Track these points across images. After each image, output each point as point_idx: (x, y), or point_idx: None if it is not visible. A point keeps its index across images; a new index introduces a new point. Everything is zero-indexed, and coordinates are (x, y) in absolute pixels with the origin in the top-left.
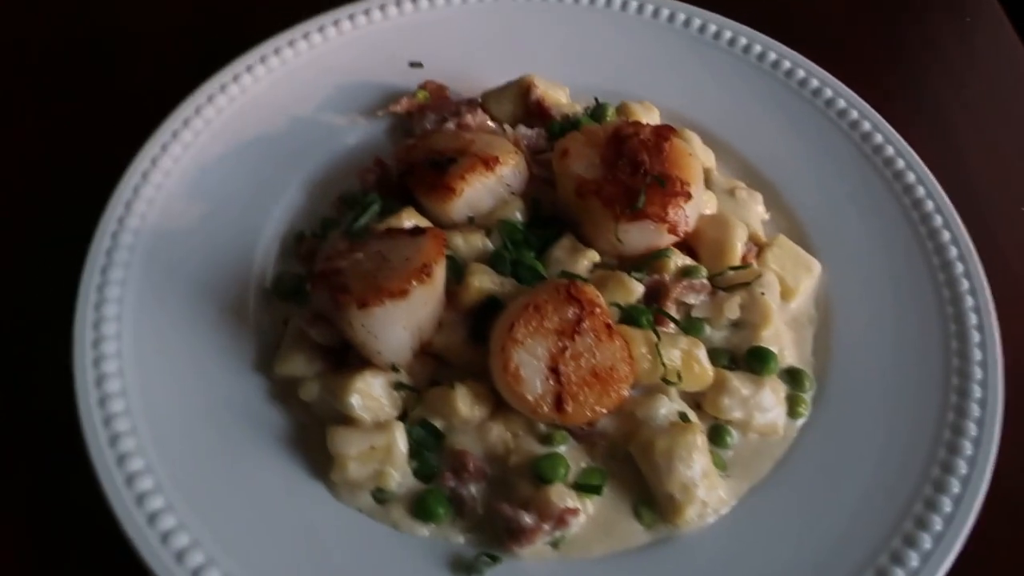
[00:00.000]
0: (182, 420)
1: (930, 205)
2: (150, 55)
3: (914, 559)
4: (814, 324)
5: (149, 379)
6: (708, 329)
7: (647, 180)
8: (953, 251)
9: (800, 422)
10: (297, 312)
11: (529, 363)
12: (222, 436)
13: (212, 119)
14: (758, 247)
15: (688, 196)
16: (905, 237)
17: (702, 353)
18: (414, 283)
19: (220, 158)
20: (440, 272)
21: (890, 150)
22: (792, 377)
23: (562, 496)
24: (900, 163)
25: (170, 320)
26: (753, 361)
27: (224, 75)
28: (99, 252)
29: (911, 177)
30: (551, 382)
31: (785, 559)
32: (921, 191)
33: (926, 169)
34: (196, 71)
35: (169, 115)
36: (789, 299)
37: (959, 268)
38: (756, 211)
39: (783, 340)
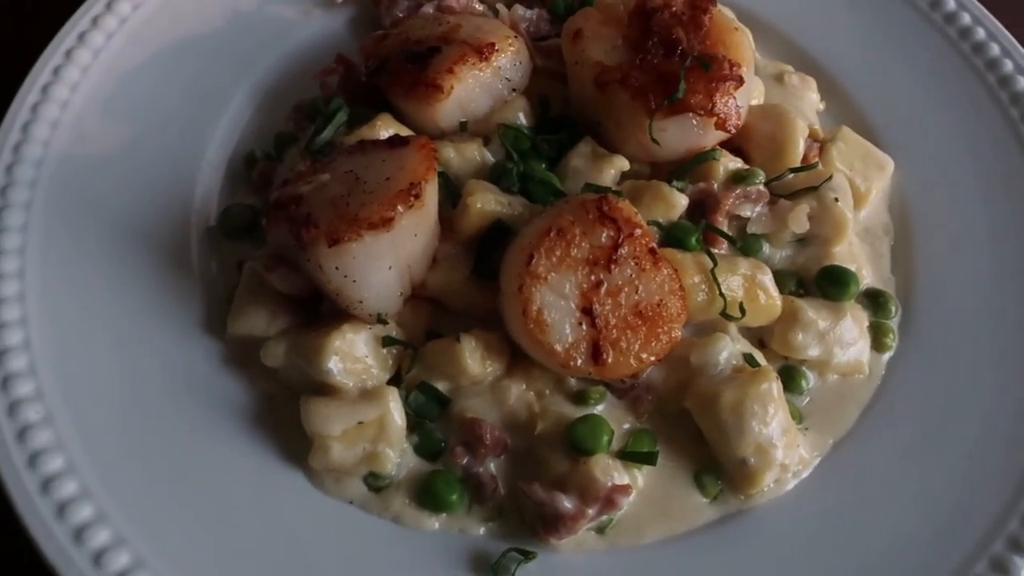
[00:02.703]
0: (109, 399)
1: (1021, 83)
2: None
3: None
4: (890, 235)
5: (63, 348)
6: (767, 248)
7: (686, 63)
8: None
9: (887, 357)
10: (254, 253)
11: (555, 304)
12: (163, 418)
13: (128, 16)
14: (819, 144)
15: (740, 80)
16: (992, 122)
17: (768, 278)
18: (399, 208)
19: (142, 66)
20: (431, 192)
21: (966, 18)
22: (873, 302)
23: (607, 470)
24: (980, 33)
25: (89, 272)
26: (827, 284)
27: None
28: None
29: (995, 49)
30: (584, 327)
31: (885, 532)
32: (1008, 66)
33: (1013, 40)
34: None
35: (74, 14)
36: (860, 205)
37: None
38: (810, 100)
39: (858, 257)
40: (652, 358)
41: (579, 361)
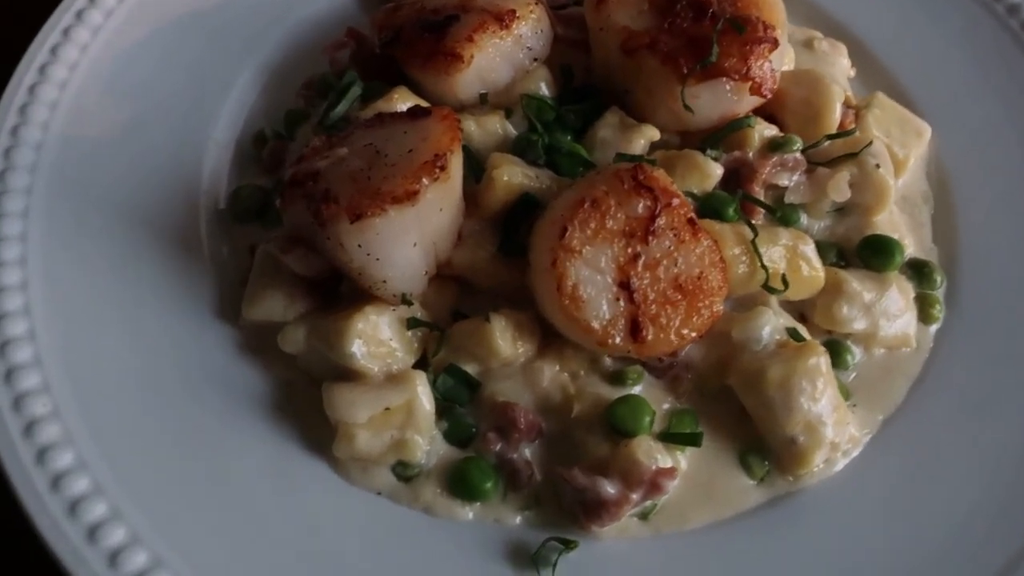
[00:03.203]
0: (119, 391)
1: None
2: None
3: None
4: (930, 204)
5: (69, 338)
6: (805, 218)
7: (718, 25)
8: None
9: (934, 328)
10: (266, 236)
11: (591, 279)
12: (177, 408)
13: None
14: (853, 110)
15: (775, 43)
16: None
17: (810, 249)
18: (425, 181)
19: (143, 45)
20: (456, 164)
21: None
22: (917, 272)
23: (650, 452)
24: None
25: (94, 258)
26: (870, 254)
27: None
28: None
29: None
30: (621, 303)
31: (942, 511)
32: None
33: None
34: None
35: None
36: (898, 173)
37: None
38: (842, 66)
39: (899, 226)
40: (693, 334)
41: (617, 338)
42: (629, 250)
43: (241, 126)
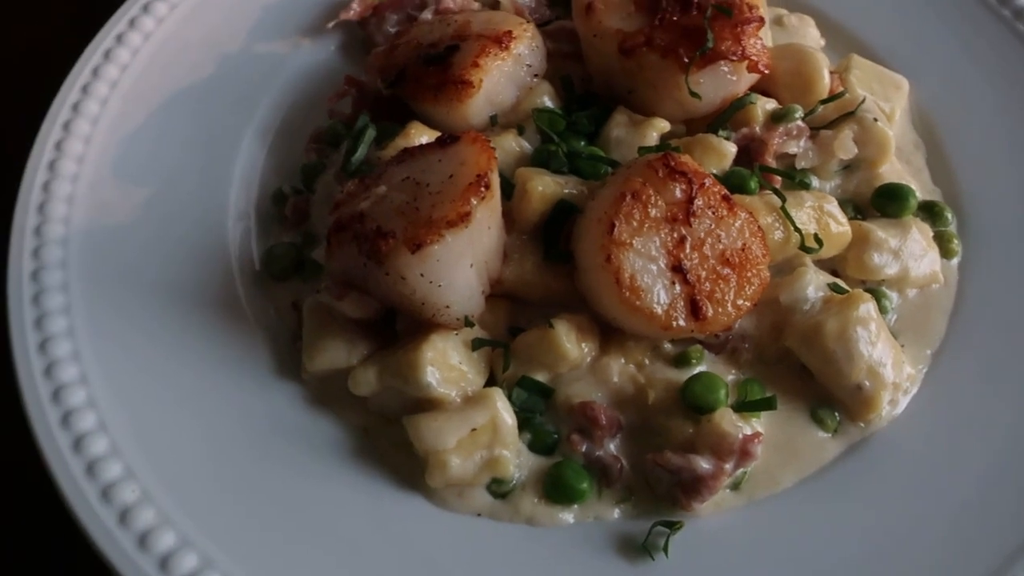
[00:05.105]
0: (202, 464)
1: None
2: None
3: None
4: (921, 149)
5: (140, 423)
6: (816, 181)
7: (707, 13)
8: None
9: (955, 262)
10: (305, 290)
11: (646, 268)
12: (263, 473)
13: (117, 80)
14: (835, 75)
15: (761, 20)
16: (986, 27)
17: (834, 206)
18: (473, 201)
19: (144, 126)
20: (496, 182)
21: None
22: (929, 213)
23: (734, 422)
24: None
25: (145, 342)
26: (886, 202)
27: (117, 23)
28: (20, 279)
29: None
30: (677, 286)
31: (1009, 427)
32: None
33: None
34: (76, 29)
35: (61, 87)
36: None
37: None
38: (813, 36)
39: (902, 175)
40: (748, 304)
41: (680, 320)
42: (675, 234)
43: (257, 189)
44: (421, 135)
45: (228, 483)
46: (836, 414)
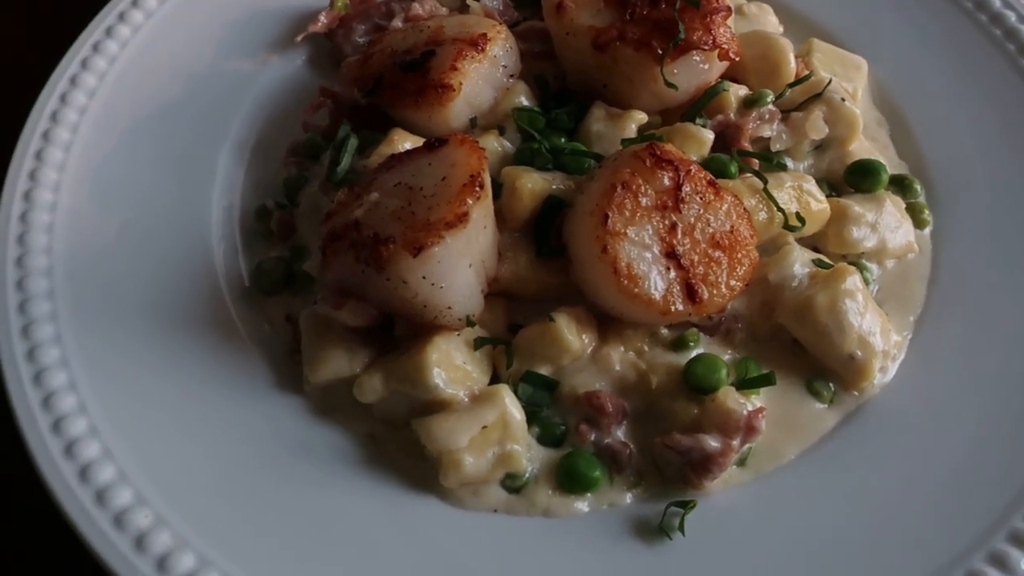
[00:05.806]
0: (211, 487)
1: None
2: None
3: None
4: (884, 126)
5: (146, 449)
6: (790, 162)
7: (676, 5)
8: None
9: (928, 231)
10: (297, 303)
11: (641, 256)
12: (273, 487)
13: (86, 105)
14: (800, 59)
15: (729, 9)
16: (935, 6)
17: (812, 185)
18: (469, 201)
19: (115, 153)
20: (488, 182)
21: None
22: (899, 186)
23: (737, 399)
24: None
25: (138, 368)
26: (859, 178)
27: (80, 48)
28: (7, 311)
29: None
30: (672, 271)
31: (999, 386)
32: None
33: None
34: (38, 56)
35: (29, 117)
36: None
37: (1011, 17)
38: (772, 23)
39: (871, 151)
40: (740, 284)
41: (678, 304)
42: (666, 221)
43: (238, 207)
44: (404, 141)
45: (241, 502)
46: (831, 385)
